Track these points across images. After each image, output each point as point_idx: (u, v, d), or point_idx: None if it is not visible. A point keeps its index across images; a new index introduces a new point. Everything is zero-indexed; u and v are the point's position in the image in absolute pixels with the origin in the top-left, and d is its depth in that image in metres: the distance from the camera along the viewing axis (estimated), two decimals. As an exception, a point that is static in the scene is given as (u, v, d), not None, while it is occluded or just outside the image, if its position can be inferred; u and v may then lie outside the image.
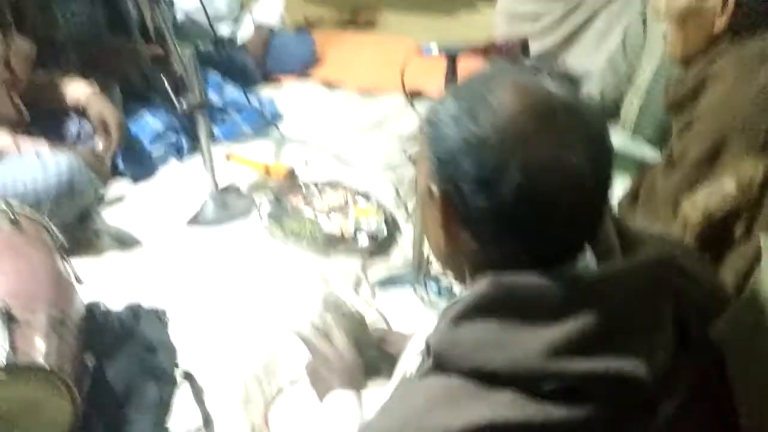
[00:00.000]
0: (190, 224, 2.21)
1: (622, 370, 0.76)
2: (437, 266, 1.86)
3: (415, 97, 2.80)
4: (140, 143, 2.39)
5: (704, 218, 1.32)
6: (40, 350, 1.32)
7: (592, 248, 0.83)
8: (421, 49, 1.89)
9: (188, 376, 1.56)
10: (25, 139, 1.97)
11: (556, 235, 0.80)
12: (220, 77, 2.80)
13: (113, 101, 2.29)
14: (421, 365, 0.86)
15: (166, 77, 2.29)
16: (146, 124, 2.43)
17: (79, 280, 1.63)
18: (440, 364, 0.79)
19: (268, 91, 3.05)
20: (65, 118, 2.23)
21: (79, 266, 1.71)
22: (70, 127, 2.23)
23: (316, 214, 2.25)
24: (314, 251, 2.11)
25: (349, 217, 2.23)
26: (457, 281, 0.92)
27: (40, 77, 2.19)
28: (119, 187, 2.34)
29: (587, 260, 0.82)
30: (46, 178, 1.87)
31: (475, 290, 0.79)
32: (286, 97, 3.02)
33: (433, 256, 0.95)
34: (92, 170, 2.01)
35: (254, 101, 2.76)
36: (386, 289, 1.98)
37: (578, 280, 0.79)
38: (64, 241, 1.64)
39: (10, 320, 1.31)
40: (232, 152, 2.54)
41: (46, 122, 2.18)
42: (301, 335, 1.35)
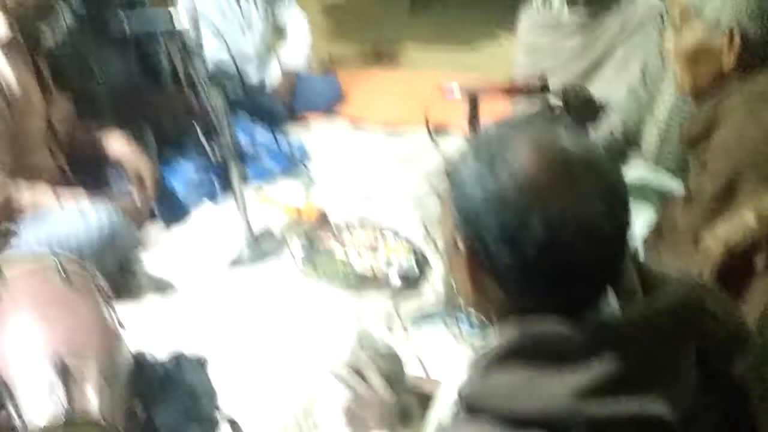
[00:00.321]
0: (225, 267, 2.28)
1: (647, 411, 0.79)
2: (467, 303, 1.89)
3: (439, 131, 2.88)
4: (174, 190, 2.48)
5: (725, 250, 1.34)
6: (93, 402, 1.39)
7: (614, 292, 0.87)
8: (443, 90, 1.96)
9: (230, 420, 1.61)
10: (67, 193, 2.06)
11: (578, 283, 0.84)
12: (249, 120, 2.88)
13: (148, 151, 2.39)
14: (455, 415, 0.89)
15: (198, 125, 2.37)
16: (180, 170, 2.52)
17: (122, 326, 1.69)
18: (473, 412, 0.82)
19: (296, 131, 3.14)
20: (103, 169, 2.32)
21: (120, 312, 1.78)
22: (108, 178, 2.32)
23: (347, 253, 2.30)
24: (347, 290, 2.16)
25: (379, 255, 2.28)
26: (486, 322, 0.96)
27: (78, 131, 2.29)
28: (155, 232, 2.41)
29: (610, 304, 0.86)
30: (88, 230, 1.96)
31: (503, 339, 0.83)
32: (313, 136, 3.10)
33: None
34: (130, 219, 2.08)
35: (283, 142, 2.84)
36: (419, 325, 2.02)
37: (602, 325, 0.83)
38: (109, 290, 1.71)
39: (64, 373, 1.38)
40: (263, 194, 2.61)
41: (85, 174, 2.27)
42: (336, 375, 1.40)
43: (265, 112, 3.01)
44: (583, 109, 2.31)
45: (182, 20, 2.21)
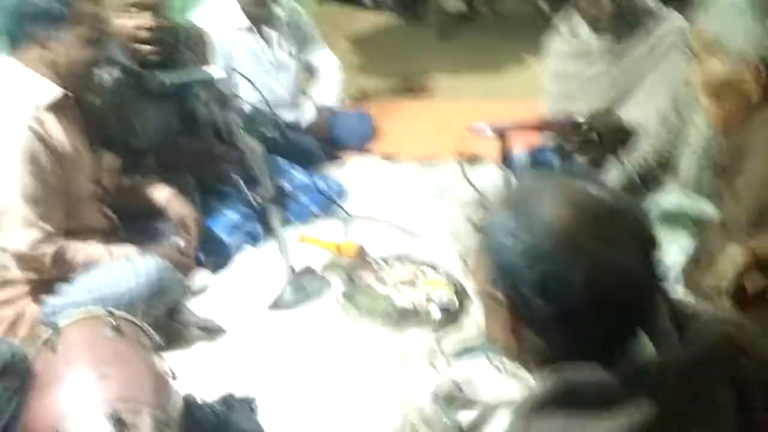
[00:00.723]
0: (270, 309, 2.33)
1: None
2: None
3: (472, 162, 2.91)
4: (218, 235, 2.54)
5: (753, 259, 1.34)
6: (148, 451, 1.44)
7: (648, 334, 0.89)
8: (474, 130, 2.00)
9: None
10: (116, 247, 2.14)
11: (614, 327, 0.87)
12: (286, 162, 2.95)
13: (190, 199, 2.46)
14: None
15: (237, 171, 2.44)
16: (222, 216, 2.59)
17: (173, 376, 1.74)
18: None
19: (332, 169, 3.20)
20: (149, 220, 2.40)
21: (170, 359, 1.84)
22: (154, 228, 2.40)
23: (387, 289, 2.34)
24: (388, 327, 2.20)
25: (419, 290, 2.31)
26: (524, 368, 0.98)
27: (123, 184, 2.38)
28: (201, 278, 2.47)
29: (644, 345, 0.89)
30: (138, 281, 2.03)
31: (544, 387, 0.86)
32: (349, 173, 3.15)
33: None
34: (177, 267, 2.15)
35: (320, 182, 2.90)
36: (461, 359, 2.04)
37: (639, 370, 0.85)
38: (159, 340, 1.77)
39: (120, 425, 1.43)
40: (303, 234, 2.67)
41: (132, 226, 2.35)
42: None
43: (300, 152, 3.08)
44: (612, 135, 2.33)
45: (218, 70, 2.29)
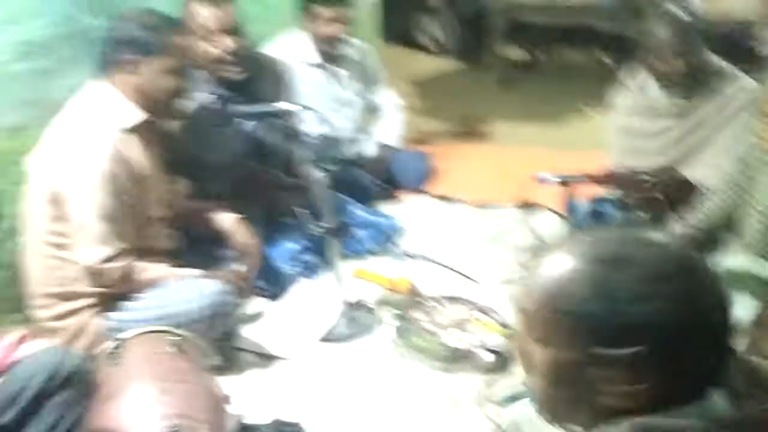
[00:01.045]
0: (322, 340, 2.36)
1: None
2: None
3: (531, 209, 2.92)
4: (276, 264, 2.60)
5: None
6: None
7: (722, 391, 0.89)
8: (538, 178, 2.02)
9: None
10: (180, 269, 2.21)
11: (694, 377, 0.87)
12: (345, 196, 3.00)
13: (254, 227, 2.51)
14: None
15: (301, 203, 2.50)
16: (282, 247, 2.65)
17: (227, 400, 1.78)
18: None
19: (388, 208, 3.24)
20: (212, 245, 2.46)
21: (223, 383, 1.87)
22: (216, 252, 2.46)
23: (438, 329, 2.35)
24: (439, 368, 2.20)
25: (471, 332, 2.32)
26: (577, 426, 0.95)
27: (191, 208, 2.45)
28: (257, 305, 2.52)
29: (717, 403, 0.88)
30: (200, 303, 2.08)
31: None
32: (405, 212, 3.19)
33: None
34: (237, 292, 2.20)
35: (377, 219, 2.94)
36: (510, 405, 2.03)
37: (717, 419, 0.85)
38: (219, 361, 1.81)
39: (179, 440, 1.47)
40: (358, 269, 2.70)
41: (196, 249, 2.42)
42: None
43: (359, 188, 3.13)
44: (677, 193, 2.32)
45: (290, 104, 2.37)
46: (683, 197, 2.30)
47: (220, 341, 2.16)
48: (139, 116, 2.13)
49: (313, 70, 3.20)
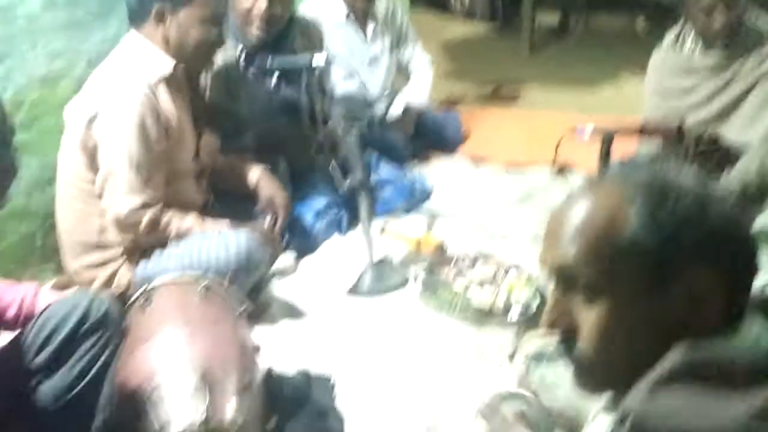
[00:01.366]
0: (349, 294, 2.36)
1: None
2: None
3: (563, 170, 2.89)
4: (305, 220, 2.59)
5: None
6: (231, 411, 1.47)
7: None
8: (576, 130, 1.98)
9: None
10: (209, 220, 2.21)
11: (732, 303, 0.86)
12: (374, 156, 2.98)
13: (281, 181, 2.51)
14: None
15: (331, 159, 2.48)
16: (311, 201, 2.64)
17: (257, 348, 1.78)
18: (639, 430, 0.81)
19: (418, 167, 3.22)
20: (241, 198, 2.46)
21: (253, 333, 1.88)
22: (245, 206, 2.46)
23: (467, 286, 2.33)
24: (466, 322, 2.19)
25: (500, 289, 2.30)
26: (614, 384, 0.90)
27: (220, 162, 2.45)
28: (285, 259, 2.52)
29: (759, 331, 0.86)
30: (227, 253, 2.08)
31: (669, 358, 0.83)
32: (435, 173, 3.17)
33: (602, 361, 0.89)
34: (266, 246, 2.20)
35: (407, 177, 2.92)
36: (539, 361, 2.02)
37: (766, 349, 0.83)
38: (249, 307, 1.81)
39: (207, 383, 1.48)
40: (386, 227, 2.69)
41: (225, 203, 2.42)
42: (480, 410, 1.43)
43: (388, 147, 3.11)
44: (714, 151, 2.27)
45: (320, 58, 2.35)
46: (720, 156, 2.25)
47: (249, 293, 2.17)
48: (169, 66, 2.13)
49: (342, 26, 3.17)
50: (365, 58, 3.23)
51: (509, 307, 2.22)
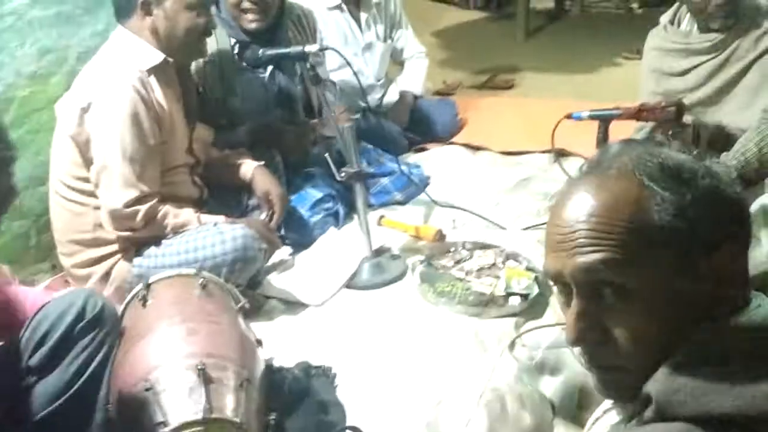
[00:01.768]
0: (347, 287, 2.34)
1: None
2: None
3: (560, 156, 2.87)
4: (301, 213, 2.57)
5: None
6: (230, 406, 1.47)
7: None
8: (571, 115, 1.96)
9: (357, 432, 1.65)
10: (205, 215, 2.19)
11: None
12: (370, 145, 2.96)
13: (276, 174, 2.49)
14: (642, 417, 0.84)
15: (326, 150, 2.47)
16: (306, 194, 2.62)
17: (259, 343, 1.77)
18: (663, 412, 0.80)
19: (414, 156, 3.20)
20: (236, 192, 2.44)
21: (252, 328, 1.86)
22: (240, 200, 2.44)
23: (466, 274, 2.32)
24: (466, 312, 2.18)
25: (499, 277, 2.28)
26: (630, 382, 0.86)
27: (214, 156, 2.43)
28: (281, 253, 2.51)
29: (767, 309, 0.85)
30: (224, 248, 2.07)
31: (690, 341, 0.82)
32: (432, 161, 3.15)
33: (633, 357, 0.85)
34: (263, 239, 2.18)
35: (403, 167, 2.90)
36: (540, 348, 2.00)
37: None
38: (246, 303, 1.80)
39: (206, 378, 1.47)
40: (384, 217, 2.68)
41: (220, 197, 2.41)
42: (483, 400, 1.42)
43: (384, 136, 3.09)
44: (711, 131, 2.25)
45: (313, 48, 2.32)
46: (717, 136, 2.24)
47: (246, 288, 2.16)
48: (158, 57, 2.11)
49: (335, 13, 3.15)
50: (359, 46, 3.20)
51: (509, 295, 2.20)
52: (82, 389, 1.59)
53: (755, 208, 1.80)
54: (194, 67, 2.41)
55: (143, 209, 2.07)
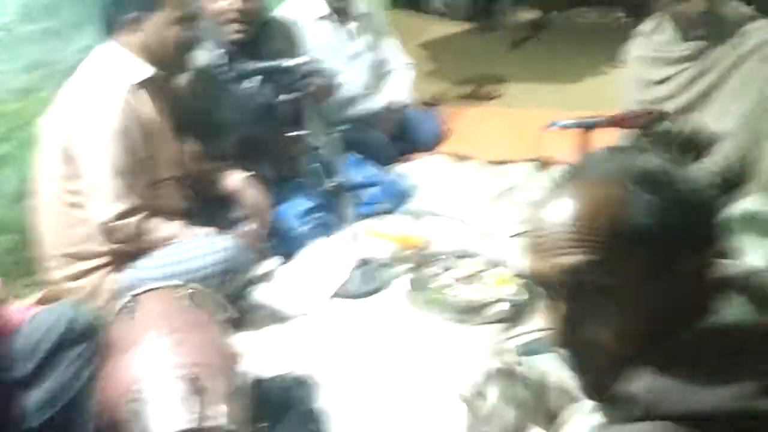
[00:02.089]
0: (336, 297, 2.36)
1: None
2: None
3: (545, 164, 2.90)
4: (288, 222, 2.59)
5: None
6: (222, 415, 1.47)
7: (749, 300, 0.88)
8: (553, 124, 1.99)
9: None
10: (192, 227, 2.21)
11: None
12: (357, 155, 2.97)
13: (264, 187, 2.50)
14: (624, 418, 0.85)
15: (313, 160, 2.48)
16: (294, 204, 2.64)
17: (246, 353, 1.78)
18: (649, 411, 0.81)
19: (401, 166, 3.22)
20: (223, 204, 2.46)
21: (237, 338, 1.87)
22: (227, 212, 2.45)
23: (453, 283, 2.34)
24: (454, 320, 2.20)
25: (486, 285, 2.31)
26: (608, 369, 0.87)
27: (202, 168, 2.44)
28: (269, 264, 2.52)
29: (744, 309, 0.87)
30: (213, 259, 2.08)
31: (672, 341, 0.84)
32: (418, 170, 3.17)
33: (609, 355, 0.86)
34: (251, 250, 2.20)
35: (389, 176, 2.92)
36: (528, 355, 2.02)
37: (763, 325, 0.85)
38: (233, 313, 1.81)
39: (194, 387, 1.47)
40: (371, 227, 2.69)
41: (207, 209, 2.42)
42: (465, 399, 1.43)
43: (371, 145, 3.11)
44: (693, 138, 2.29)
45: (299, 60, 2.35)
46: (699, 143, 2.27)
47: (233, 298, 2.16)
48: (148, 71, 2.12)
49: (321, 23, 3.17)
50: (345, 54, 3.23)
51: (497, 302, 2.22)
52: (71, 401, 1.60)
53: (737, 212, 1.83)
54: (184, 78, 2.43)
55: (133, 222, 2.08)
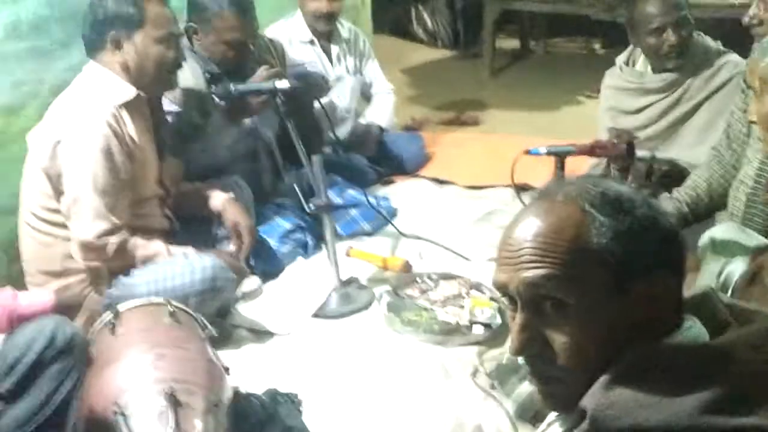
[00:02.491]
0: (315, 316, 2.38)
1: (765, 427, 0.82)
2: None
3: (521, 190, 2.95)
4: (270, 243, 2.62)
5: None
6: (199, 429, 1.49)
7: (703, 322, 0.92)
8: (529, 151, 2.05)
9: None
10: (175, 246, 2.23)
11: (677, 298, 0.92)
12: (338, 177, 3.02)
13: (246, 207, 2.53)
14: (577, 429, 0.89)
15: (294, 181, 2.52)
16: (275, 224, 2.67)
17: (227, 370, 1.80)
18: (596, 425, 0.85)
19: (382, 189, 3.27)
20: (205, 224, 2.48)
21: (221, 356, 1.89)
22: (209, 232, 2.48)
23: (431, 304, 2.38)
24: (431, 341, 2.23)
25: (463, 307, 2.35)
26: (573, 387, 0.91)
27: (184, 188, 2.47)
28: (250, 283, 2.54)
29: (697, 331, 0.92)
30: (192, 278, 2.10)
31: (623, 358, 0.87)
32: (399, 194, 3.22)
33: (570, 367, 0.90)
34: (232, 270, 2.22)
35: (371, 199, 2.96)
36: (504, 376, 2.06)
37: (711, 347, 0.89)
38: (214, 332, 1.83)
39: (175, 403, 1.50)
40: (351, 248, 2.73)
41: (189, 228, 2.44)
42: None
43: (352, 168, 3.15)
44: (664, 169, 2.35)
45: (283, 82, 2.39)
46: (670, 173, 2.34)
47: (215, 317, 2.18)
48: (130, 91, 2.16)
49: (306, 46, 3.23)
50: (330, 79, 3.28)
51: (473, 324, 2.26)
52: (51, 416, 1.61)
53: (704, 241, 1.88)
54: (171, 97, 2.46)
55: (114, 241, 2.10)
